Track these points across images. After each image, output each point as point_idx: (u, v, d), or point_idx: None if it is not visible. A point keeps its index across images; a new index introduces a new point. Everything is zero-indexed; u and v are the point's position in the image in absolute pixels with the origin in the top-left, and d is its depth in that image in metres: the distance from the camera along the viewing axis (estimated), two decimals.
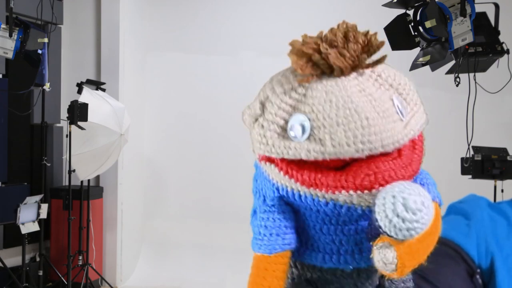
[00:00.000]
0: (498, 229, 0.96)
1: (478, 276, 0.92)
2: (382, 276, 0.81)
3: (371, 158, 0.73)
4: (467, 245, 0.94)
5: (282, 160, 0.75)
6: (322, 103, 0.73)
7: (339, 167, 0.74)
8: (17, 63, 4.97)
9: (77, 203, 5.59)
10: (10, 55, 4.48)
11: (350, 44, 0.74)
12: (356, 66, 0.75)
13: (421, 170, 0.78)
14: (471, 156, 4.18)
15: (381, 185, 0.71)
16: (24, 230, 4.89)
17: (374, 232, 0.71)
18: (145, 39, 6.63)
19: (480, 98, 3.91)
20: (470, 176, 4.27)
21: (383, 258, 0.69)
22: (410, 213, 0.67)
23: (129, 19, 6.33)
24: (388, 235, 0.69)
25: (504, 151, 4.29)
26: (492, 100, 4.54)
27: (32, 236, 5.20)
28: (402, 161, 0.74)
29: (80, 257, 5.50)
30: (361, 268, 0.79)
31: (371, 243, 0.72)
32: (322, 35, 0.77)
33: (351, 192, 0.71)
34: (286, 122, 0.75)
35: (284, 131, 0.75)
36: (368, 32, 0.77)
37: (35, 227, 4.99)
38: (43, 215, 5.07)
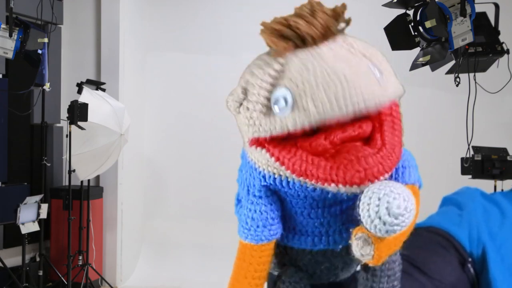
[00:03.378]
0: (491, 219, 0.97)
1: (469, 265, 0.93)
2: None
3: (359, 147, 0.75)
4: (458, 234, 0.95)
5: (274, 145, 0.76)
6: (299, 71, 0.74)
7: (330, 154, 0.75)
8: (17, 63, 4.96)
9: (77, 203, 5.59)
10: (10, 55, 4.48)
11: (317, 14, 0.77)
12: (327, 34, 0.77)
13: (403, 151, 0.80)
14: (471, 156, 4.18)
15: (371, 181, 0.73)
16: (24, 230, 4.89)
17: (355, 218, 0.74)
18: (145, 39, 6.63)
19: (480, 98, 3.91)
20: (470, 176, 4.27)
21: (361, 250, 0.72)
22: (392, 218, 0.70)
23: (129, 19, 6.33)
24: (368, 230, 0.72)
25: (504, 151, 4.29)
26: (492, 100, 4.53)
27: (32, 236, 5.20)
28: (387, 150, 0.76)
29: (80, 257, 5.49)
30: (349, 245, 0.81)
31: (350, 230, 0.74)
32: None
33: (340, 186, 0.73)
34: (269, 100, 0.76)
35: (269, 109, 0.76)
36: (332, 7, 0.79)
37: (35, 227, 4.99)
38: (43, 215, 5.07)
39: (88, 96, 5.24)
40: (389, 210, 0.69)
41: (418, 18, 3.78)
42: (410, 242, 0.95)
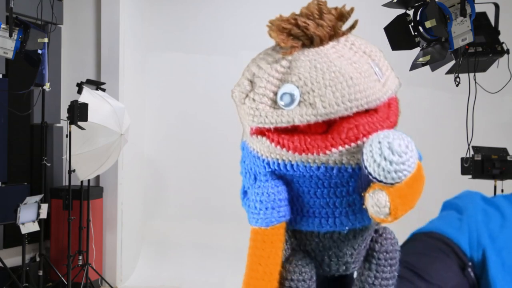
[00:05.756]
0: (492, 222, 0.97)
1: (470, 269, 0.93)
2: (371, 240, 0.87)
3: (351, 117, 0.81)
4: (458, 239, 0.95)
5: (274, 132, 0.80)
6: (308, 70, 0.79)
7: (323, 132, 0.80)
8: (17, 63, 4.97)
9: (77, 203, 5.59)
10: (10, 55, 4.49)
11: (325, 15, 0.81)
12: (333, 34, 0.82)
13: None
14: (471, 156, 4.19)
15: (364, 135, 0.77)
16: (24, 230, 4.89)
17: (365, 185, 0.76)
18: (145, 39, 6.63)
19: (480, 98, 3.91)
20: (470, 176, 4.27)
21: (376, 202, 0.74)
22: (396, 155, 0.73)
23: (129, 19, 6.33)
24: (378, 180, 0.74)
25: (504, 151, 4.29)
26: (492, 100, 4.54)
27: (32, 236, 5.20)
28: (379, 115, 0.81)
29: (80, 257, 5.50)
30: (356, 229, 0.84)
31: (363, 194, 0.77)
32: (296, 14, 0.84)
33: (340, 148, 0.76)
34: (276, 94, 0.80)
35: (274, 103, 0.80)
36: (337, 6, 0.83)
37: (35, 227, 4.99)
38: (43, 215, 5.08)
39: (88, 96, 5.25)
40: (392, 148, 0.72)
41: (418, 18, 3.78)
42: (410, 248, 0.95)
